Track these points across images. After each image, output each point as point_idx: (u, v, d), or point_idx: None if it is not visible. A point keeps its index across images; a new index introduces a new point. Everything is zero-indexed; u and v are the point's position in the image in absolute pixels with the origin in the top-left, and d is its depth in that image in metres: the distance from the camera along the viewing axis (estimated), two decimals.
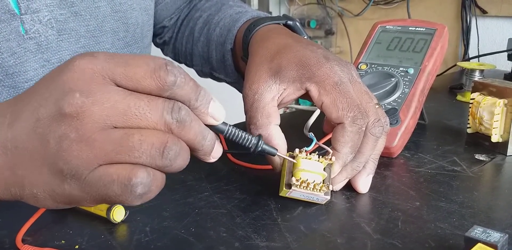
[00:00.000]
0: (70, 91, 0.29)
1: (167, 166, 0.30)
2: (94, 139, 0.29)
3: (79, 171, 0.30)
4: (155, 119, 0.30)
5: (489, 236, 0.34)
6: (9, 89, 0.53)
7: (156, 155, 0.30)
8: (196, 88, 0.32)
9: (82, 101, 0.29)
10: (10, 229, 0.40)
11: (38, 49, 0.53)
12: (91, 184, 0.30)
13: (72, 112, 0.29)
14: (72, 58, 0.31)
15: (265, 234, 0.40)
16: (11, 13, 0.50)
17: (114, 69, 0.30)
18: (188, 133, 0.31)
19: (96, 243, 0.39)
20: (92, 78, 0.30)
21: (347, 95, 0.44)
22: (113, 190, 0.30)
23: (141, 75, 0.30)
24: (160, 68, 0.30)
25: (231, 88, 0.72)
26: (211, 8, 0.72)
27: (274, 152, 0.40)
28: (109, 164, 0.30)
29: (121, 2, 0.61)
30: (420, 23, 0.64)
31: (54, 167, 0.30)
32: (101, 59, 0.30)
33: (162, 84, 0.30)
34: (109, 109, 0.29)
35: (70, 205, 0.32)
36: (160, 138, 0.30)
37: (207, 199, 0.46)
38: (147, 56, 0.31)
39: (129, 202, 0.31)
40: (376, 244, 0.38)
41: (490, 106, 0.56)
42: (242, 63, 0.62)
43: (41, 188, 0.31)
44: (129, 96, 0.30)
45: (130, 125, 0.30)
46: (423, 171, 0.52)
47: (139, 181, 0.30)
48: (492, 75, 0.97)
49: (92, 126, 0.29)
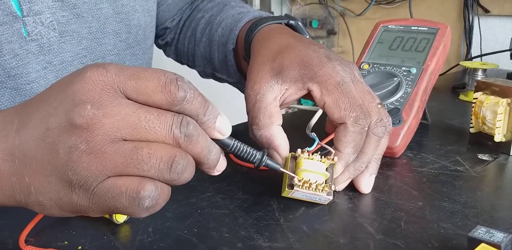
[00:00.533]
0: (81, 103, 0.30)
1: (174, 179, 0.31)
2: (104, 151, 0.30)
3: (88, 182, 0.30)
4: (164, 133, 0.30)
5: (492, 236, 0.34)
6: (11, 91, 0.53)
7: (164, 168, 0.30)
8: (204, 103, 0.32)
9: (93, 113, 0.29)
10: (13, 230, 0.40)
11: (40, 51, 0.53)
12: (99, 195, 0.30)
13: (83, 124, 0.29)
14: (84, 69, 0.31)
15: (267, 235, 0.40)
16: (13, 15, 0.50)
17: (125, 82, 0.30)
18: (195, 147, 0.31)
19: (99, 244, 0.39)
20: (103, 90, 0.30)
21: (349, 95, 0.44)
22: (121, 202, 0.30)
23: (151, 89, 0.30)
24: (171, 83, 0.30)
25: (233, 88, 0.72)
26: (213, 9, 0.72)
27: (278, 168, 0.40)
28: (118, 176, 0.30)
29: (124, 3, 0.61)
30: (423, 22, 0.63)
31: (63, 177, 0.30)
32: (113, 71, 0.31)
33: (172, 99, 0.30)
34: (119, 122, 0.30)
35: (75, 214, 0.33)
36: (169, 152, 0.30)
37: (209, 199, 0.46)
38: (158, 70, 0.31)
39: (136, 215, 0.31)
40: (379, 244, 0.38)
41: (493, 106, 0.56)
42: (244, 64, 0.62)
43: (47, 196, 0.31)
44: (139, 110, 0.30)
45: (139, 138, 0.30)
46: (426, 170, 0.52)
47: (147, 194, 0.30)
48: (495, 74, 0.97)
49: (102, 138, 0.29)
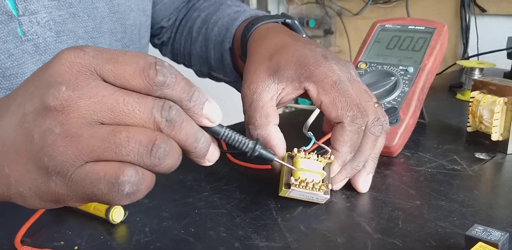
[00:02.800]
0: (56, 84, 0.28)
1: (156, 165, 0.29)
2: (80, 134, 0.28)
3: (65, 167, 0.29)
4: (143, 117, 0.29)
5: (489, 235, 0.34)
6: (6, 91, 0.52)
7: (144, 152, 0.29)
8: (189, 88, 0.31)
9: (68, 95, 0.28)
10: (9, 230, 0.40)
11: (36, 51, 0.53)
12: (77, 182, 0.29)
13: (58, 106, 0.28)
14: (60, 52, 0.30)
15: (265, 234, 0.40)
16: (8, 15, 0.50)
17: (103, 65, 0.29)
18: (179, 134, 0.30)
19: (95, 244, 0.39)
20: (79, 73, 0.29)
21: (346, 95, 0.44)
22: (99, 188, 0.29)
23: (129, 74, 0.29)
24: (149, 67, 0.29)
25: (230, 88, 0.72)
26: (209, 8, 0.72)
27: (272, 157, 0.39)
28: (96, 161, 0.29)
29: (119, 3, 0.60)
30: (420, 21, 0.63)
31: (39, 163, 0.29)
32: (90, 54, 0.29)
33: (151, 84, 0.29)
34: (96, 104, 0.28)
35: (57, 204, 0.31)
36: (149, 135, 0.29)
37: (206, 199, 0.46)
38: (137, 53, 0.30)
39: (116, 202, 0.29)
40: (377, 243, 0.38)
41: (490, 105, 0.56)
42: (241, 63, 0.61)
43: (26, 186, 0.30)
44: (118, 92, 0.29)
45: (117, 122, 0.29)
46: (423, 170, 0.52)
47: (127, 179, 0.28)
48: (492, 73, 0.97)
49: (77, 121, 0.28)
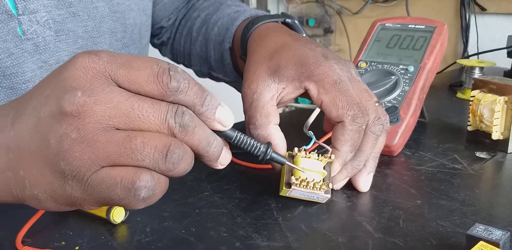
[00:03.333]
0: (71, 90, 0.29)
1: (170, 169, 0.30)
2: (96, 140, 0.29)
3: (81, 172, 0.29)
4: (158, 122, 0.29)
5: (491, 234, 0.34)
6: (6, 90, 0.52)
7: (159, 158, 0.29)
8: (201, 93, 0.31)
9: (83, 100, 0.28)
10: (10, 230, 0.40)
11: (35, 50, 0.53)
12: (93, 186, 0.30)
13: (74, 111, 0.28)
14: (75, 56, 0.30)
15: (266, 234, 0.40)
16: (8, 14, 0.50)
17: (117, 70, 0.29)
18: (192, 138, 0.31)
19: (97, 244, 0.39)
20: (94, 78, 0.29)
21: (346, 94, 0.44)
22: (116, 193, 0.29)
23: (144, 79, 0.29)
24: (163, 73, 0.29)
25: (230, 87, 0.72)
26: (209, 8, 0.72)
27: (283, 161, 0.39)
28: (112, 166, 0.29)
29: (119, 2, 0.60)
30: (420, 20, 0.63)
31: (55, 167, 0.29)
32: (104, 59, 0.30)
33: (165, 90, 0.29)
34: (111, 110, 0.29)
35: (72, 207, 0.32)
36: (163, 140, 0.29)
37: (207, 198, 0.46)
38: (152, 59, 0.30)
39: (132, 206, 0.30)
40: (378, 242, 0.38)
41: (491, 104, 0.56)
42: (241, 62, 0.61)
43: (42, 189, 0.31)
44: (132, 98, 0.29)
45: (132, 127, 0.29)
46: (424, 169, 0.52)
47: (143, 184, 0.29)
48: (492, 72, 0.97)
49: (93, 126, 0.29)
